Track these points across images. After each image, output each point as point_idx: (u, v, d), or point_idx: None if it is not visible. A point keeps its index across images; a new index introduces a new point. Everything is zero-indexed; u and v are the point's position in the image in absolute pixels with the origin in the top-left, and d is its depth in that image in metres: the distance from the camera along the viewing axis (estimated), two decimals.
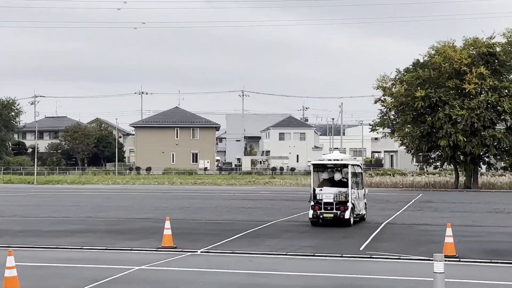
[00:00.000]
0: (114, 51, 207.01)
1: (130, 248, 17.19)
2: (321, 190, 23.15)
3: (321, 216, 22.69)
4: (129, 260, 15.21)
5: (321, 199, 22.77)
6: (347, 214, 22.44)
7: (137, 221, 25.10)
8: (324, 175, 24.11)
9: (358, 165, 25.62)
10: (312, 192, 23.20)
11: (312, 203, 22.94)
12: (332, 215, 22.51)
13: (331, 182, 23.70)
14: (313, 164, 24.46)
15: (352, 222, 22.88)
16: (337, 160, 24.04)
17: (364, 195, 25.32)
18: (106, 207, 32.56)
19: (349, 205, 22.60)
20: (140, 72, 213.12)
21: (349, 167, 23.13)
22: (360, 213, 24.43)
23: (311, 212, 22.87)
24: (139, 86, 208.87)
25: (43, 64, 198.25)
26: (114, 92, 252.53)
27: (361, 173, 26.00)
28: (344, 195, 22.75)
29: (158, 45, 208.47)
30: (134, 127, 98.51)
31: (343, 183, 23.51)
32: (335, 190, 23.00)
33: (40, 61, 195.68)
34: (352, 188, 23.00)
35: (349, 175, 22.94)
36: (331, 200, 22.64)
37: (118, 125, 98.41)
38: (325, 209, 22.61)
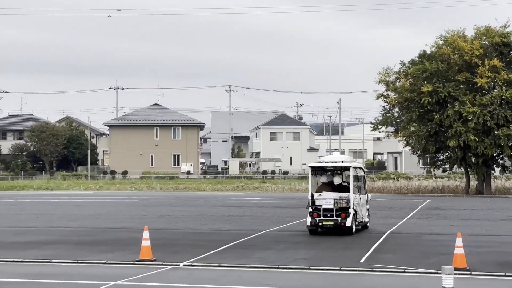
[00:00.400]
0: (85, 42, 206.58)
1: (104, 261, 17.17)
2: (320, 195, 23.32)
3: (320, 224, 22.90)
4: (103, 275, 15.19)
5: (320, 205, 22.96)
6: (348, 222, 22.62)
7: (112, 231, 25.07)
8: (323, 179, 24.31)
9: (360, 168, 25.84)
10: (310, 198, 23.36)
11: (310, 209, 23.12)
12: (332, 223, 22.71)
13: (331, 187, 23.90)
14: (311, 167, 24.61)
15: (354, 230, 23.06)
16: (338, 162, 24.15)
17: (367, 201, 25.49)
18: (78, 215, 32.49)
19: (351, 211, 22.80)
20: (115, 65, 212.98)
21: (351, 169, 23.31)
22: (363, 221, 24.63)
23: (309, 219, 23.06)
24: (114, 81, 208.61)
25: (6, 56, 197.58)
26: (86, 87, 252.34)
27: (363, 176, 26.21)
28: (345, 200, 22.94)
29: (135, 35, 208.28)
30: (108, 126, 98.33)
31: (343, 188, 23.72)
32: (335, 195, 23.20)
33: (3, 53, 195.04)
34: (354, 193, 23.20)
35: (351, 179, 23.13)
36: (331, 206, 22.83)
37: (90, 124, 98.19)
38: (325, 216, 22.81)
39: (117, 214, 32.93)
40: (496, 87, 51.86)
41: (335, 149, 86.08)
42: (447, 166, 57.40)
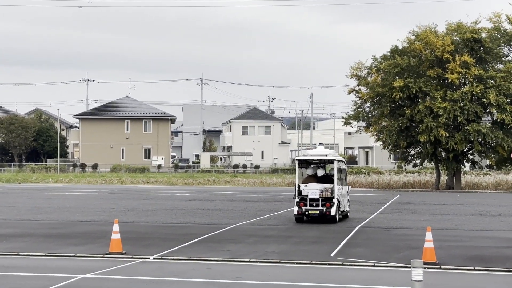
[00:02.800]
0: (56, 33, 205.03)
1: (73, 254, 17.07)
2: (306, 186, 24.88)
3: (306, 213, 24.49)
4: (72, 268, 15.09)
5: (307, 196, 24.58)
6: (333, 211, 24.28)
7: (81, 224, 24.92)
8: (309, 171, 26.05)
9: (342, 161, 27.34)
10: (297, 189, 24.86)
11: (297, 199, 24.65)
12: (317, 212, 24.36)
13: (316, 178, 25.51)
14: (298, 160, 26.30)
15: (337, 218, 24.70)
16: (322, 155, 25.66)
17: (347, 192, 27.32)
18: (47, 208, 32.26)
19: (335, 201, 24.43)
20: (86, 57, 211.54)
21: (335, 163, 24.99)
22: (345, 210, 26.43)
23: (296, 208, 24.62)
24: (84, 73, 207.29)
25: None
26: (56, 79, 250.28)
27: (345, 169, 28.20)
28: (330, 191, 24.54)
29: (106, 27, 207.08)
30: (78, 118, 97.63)
31: (327, 179, 25.40)
32: (320, 186, 24.82)
33: None
34: (337, 184, 24.76)
35: (335, 171, 24.75)
36: (317, 196, 24.46)
37: (60, 117, 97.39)
38: (311, 205, 24.44)
39: (87, 207, 32.73)
40: (467, 82, 52.31)
41: (320, 143, 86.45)
42: (417, 161, 57.83)
